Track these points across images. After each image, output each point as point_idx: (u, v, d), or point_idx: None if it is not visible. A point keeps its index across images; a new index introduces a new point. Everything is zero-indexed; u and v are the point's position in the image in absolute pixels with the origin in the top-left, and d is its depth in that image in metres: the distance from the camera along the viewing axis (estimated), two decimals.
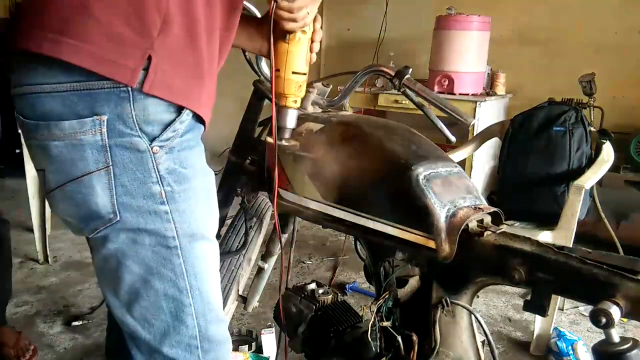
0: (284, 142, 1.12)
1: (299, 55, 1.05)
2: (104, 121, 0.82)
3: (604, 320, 0.78)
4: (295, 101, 1.09)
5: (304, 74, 1.07)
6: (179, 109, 0.86)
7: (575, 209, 2.07)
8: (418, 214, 1.00)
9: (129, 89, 0.81)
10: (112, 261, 0.90)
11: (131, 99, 0.82)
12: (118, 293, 0.92)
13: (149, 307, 0.92)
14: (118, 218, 0.86)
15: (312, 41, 1.08)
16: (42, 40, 0.80)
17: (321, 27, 1.11)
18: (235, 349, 1.85)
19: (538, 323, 2.19)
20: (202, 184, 0.94)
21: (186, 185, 0.90)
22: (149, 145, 0.85)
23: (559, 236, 2.10)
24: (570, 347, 2.08)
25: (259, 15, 1.25)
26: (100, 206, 0.86)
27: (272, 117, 1.08)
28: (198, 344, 0.95)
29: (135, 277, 0.90)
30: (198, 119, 0.91)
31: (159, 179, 0.87)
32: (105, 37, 0.80)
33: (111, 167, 0.84)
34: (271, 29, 1.00)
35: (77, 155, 0.83)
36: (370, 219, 1.07)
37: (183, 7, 0.85)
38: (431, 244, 0.98)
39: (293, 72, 1.05)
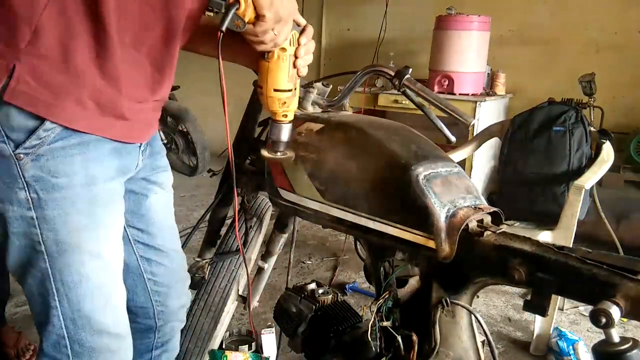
0: (278, 155, 1.12)
1: (279, 72, 1.03)
2: None
3: (603, 320, 0.78)
4: (286, 115, 1.08)
5: (288, 90, 1.05)
6: (42, 118, 0.87)
7: (575, 209, 2.07)
8: (418, 214, 1.00)
9: None
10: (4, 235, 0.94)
11: None
12: (9, 262, 0.96)
13: (28, 291, 0.97)
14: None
15: (296, 57, 1.03)
16: None
17: (314, 37, 1.08)
18: (235, 349, 1.84)
19: (538, 323, 2.19)
20: (82, 195, 0.93)
21: (56, 194, 0.90)
22: (13, 151, 0.87)
23: (559, 236, 2.10)
24: (571, 347, 2.08)
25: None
26: None
27: (269, 138, 1.08)
28: (67, 344, 0.97)
29: (17, 260, 0.95)
30: (77, 130, 0.90)
31: (25, 185, 0.89)
32: None
33: None
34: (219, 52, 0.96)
35: None
36: (370, 219, 1.07)
37: (59, 20, 0.84)
38: (431, 244, 0.98)
39: (275, 90, 1.04)
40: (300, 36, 1.03)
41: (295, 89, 1.07)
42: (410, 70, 1.30)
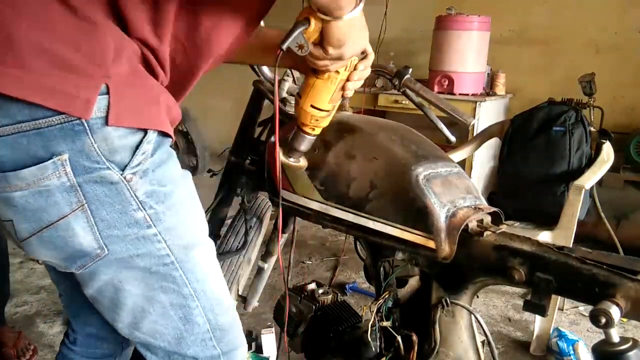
0: (291, 161, 1.10)
1: (324, 92, 0.98)
2: (65, 161, 0.75)
3: (603, 320, 0.78)
4: (313, 129, 1.04)
5: (326, 110, 1.01)
6: (144, 130, 0.80)
7: (575, 209, 2.07)
8: (418, 214, 1.00)
9: (83, 120, 0.73)
10: (108, 290, 0.87)
11: (89, 131, 0.74)
12: (121, 316, 0.90)
13: (158, 319, 0.91)
14: (107, 252, 0.82)
15: (348, 80, 0.98)
16: None
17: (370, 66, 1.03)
18: None
19: (538, 323, 2.19)
20: (185, 192, 0.91)
21: (169, 201, 0.86)
22: (121, 174, 0.79)
23: (559, 236, 2.10)
24: (571, 347, 2.08)
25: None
26: (85, 245, 0.81)
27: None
28: (211, 335, 0.95)
29: (137, 298, 0.88)
30: (163, 133, 0.86)
31: (139, 204, 0.82)
32: (51, 64, 0.71)
33: (86, 205, 0.78)
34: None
35: (46, 202, 0.77)
36: (370, 219, 1.07)
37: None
38: (431, 244, 0.98)
39: (312, 106, 1.00)
40: (359, 62, 0.99)
41: (333, 110, 1.03)
42: (410, 70, 1.30)
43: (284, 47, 0.85)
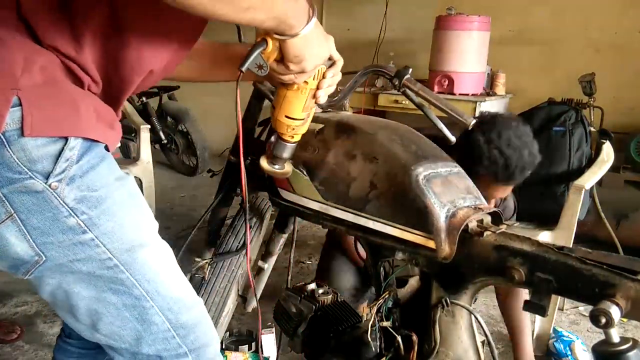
0: (276, 168, 1.09)
1: (295, 102, 0.99)
2: None
3: (603, 320, 0.78)
4: (292, 137, 1.05)
5: (300, 119, 1.02)
6: (64, 137, 0.81)
7: (575, 209, 2.07)
8: (418, 214, 1.00)
9: None
10: (59, 293, 0.89)
11: (5, 143, 0.76)
12: (78, 318, 0.91)
13: (114, 321, 0.91)
14: (44, 258, 0.84)
15: (318, 88, 1.00)
16: None
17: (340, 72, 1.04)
18: (235, 349, 1.84)
19: (538, 323, 2.19)
20: (122, 194, 0.90)
21: (103, 206, 0.85)
22: (45, 183, 0.80)
23: (559, 236, 2.10)
24: (567, 348, 2.08)
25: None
26: (22, 253, 0.83)
27: (271, 148, 1.04)
28: (174, 334, 0.95)
29: (88, 301, 0.89)
30: (91, 139, 0.86)
31: (70, 211, 0.82)
32: None
33: (15, 214, 0.80)
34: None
35: None
36: (370, 219, 1.07)
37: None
38: (431, 244, 0.98)
39: (286, 116, 1.01)
40: (327, 70, 0.99)
41: (308, 117, 1.04)
42: (410, 70, 1.30)
43: (244, 68, 0.87)
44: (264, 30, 0.86)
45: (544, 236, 2.13)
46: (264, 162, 1.09)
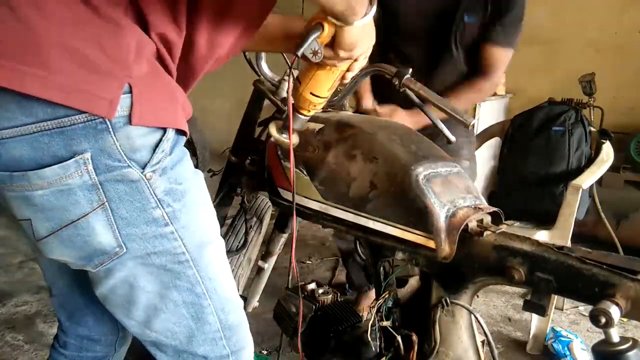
0: (283, 137, 1.08)
1: (324, 82, 0.99)
2: (88, 159, 0.75)
3: (603, 320, 0.78)
4: (309, 111, 1.06)
5: (324, 97, 1.02)
6: (164, 128, 0.81)
7: (572, 208, 2.07)
8: (418, 214, 1.00)
9: (106, 119, 0.74)
10: (123, 287, 0.87)
11: (111, 129, 0.75)
12: (133, 314, 0.90)
13: (170, 317, 0.91)
14: (125, 250, 0.82)
15: (348, 70, 1.00)
16: None
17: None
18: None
19: (534, 322, 2.20)
20: (198, 190, 0.91)
21: (185, 199, 0.86)
22: (142, 172, 0.79)
23: (556, 235, 2.10)
24: (566, 348, 2.09)
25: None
26: (104, 243, 0.81)
27: (288, 119, 1.03)
28: (222, 335, 0.95)
29: (151, 295, 0.88)
30: (180, 131, 0.86)
31: (158, 202, 0.82)
32: (75, 64, 0.71)
33: (107, 203, 0.78)
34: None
35: (67, 200, 0.77)
36: (371, 219, 1.07)
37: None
38: (431, 243, 0.98)
39: (311, 93, 1.01)
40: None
41: (329, 95, 1.05)
42: (410, 70, 1.30)
43: (299, 53, 0.86)
44: (323, 14, 0.85)
45: (541, 235, 2.13)
46: (273, 131, 1.07)
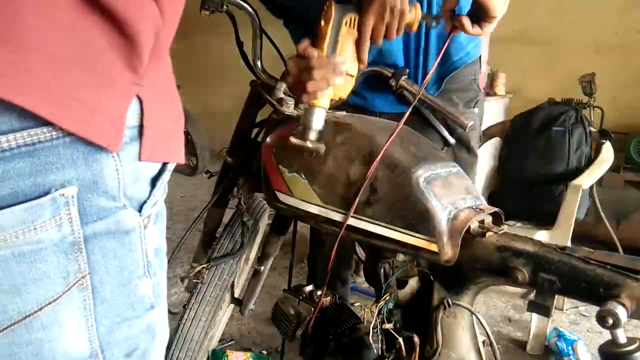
0: (308, 144, 1.04)
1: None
2: (72, 197, 0.46)
3: (610, 321, 0.77)
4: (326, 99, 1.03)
5: (351, 75, 1.06)
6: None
7: (572, 208, 2.07)
8: (419, 218, 0.98)
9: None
10: None
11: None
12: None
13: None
14: None
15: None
16: None
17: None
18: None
19: (534, 322, 2.19)
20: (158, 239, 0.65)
21: (164, 264, 0.61)
22: (139, 216, 0.53)
23: (556, 236, 2.10)
24: (570, 347, 2.07)
25: None
26: (71, 354, 0.49)
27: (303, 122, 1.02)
28: None
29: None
30: None
31: (146, 269, 0.55)
32: (64, 65, 0.44)
33: (88, 276, 0.49)
34: None
35: (29, 273, 0.45)
36: (371, 223, 1.05)
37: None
38: (433, 247, 0.97)
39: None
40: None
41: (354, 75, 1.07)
42: (408, 71, 1.29)
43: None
44: None
45: (541, 236, 2.13)
46: (292, 138, 1.02)
